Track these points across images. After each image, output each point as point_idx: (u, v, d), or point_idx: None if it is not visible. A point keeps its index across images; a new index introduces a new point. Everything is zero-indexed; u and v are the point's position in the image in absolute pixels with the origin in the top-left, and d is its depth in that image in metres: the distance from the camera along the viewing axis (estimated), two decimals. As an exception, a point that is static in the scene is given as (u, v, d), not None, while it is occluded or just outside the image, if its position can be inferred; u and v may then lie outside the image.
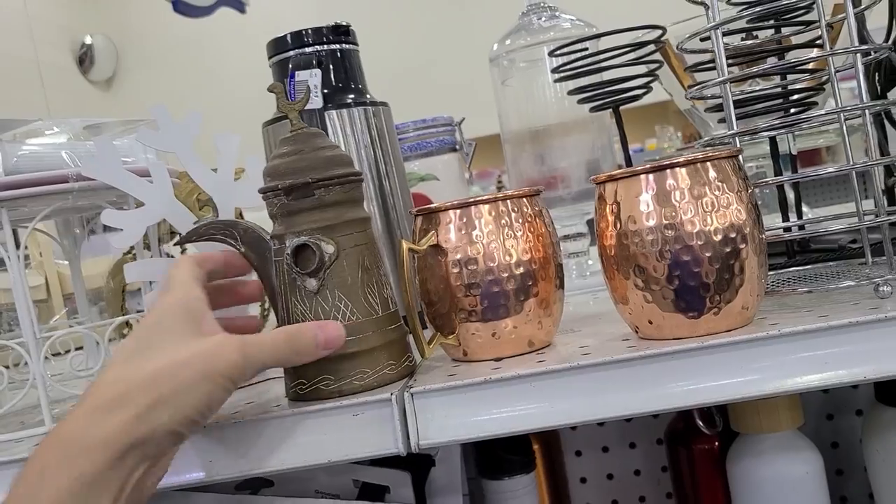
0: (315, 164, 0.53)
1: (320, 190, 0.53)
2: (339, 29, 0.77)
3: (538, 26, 0.95)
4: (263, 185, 0.55)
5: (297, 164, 0.53)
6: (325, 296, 0.53)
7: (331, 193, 0.53)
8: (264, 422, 0.52)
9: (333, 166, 0.54)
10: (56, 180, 0.56)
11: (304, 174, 0.53)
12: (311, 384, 0.52)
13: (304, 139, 0.55)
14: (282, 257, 0.53)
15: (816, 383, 0.48)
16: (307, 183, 0.53)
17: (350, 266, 0.53)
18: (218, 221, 0.54)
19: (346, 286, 0.53)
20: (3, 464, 0.53)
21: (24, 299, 0.58)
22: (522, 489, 0.75)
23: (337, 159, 0.55)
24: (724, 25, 0.58)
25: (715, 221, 0.49)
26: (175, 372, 0.44)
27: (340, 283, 0.53)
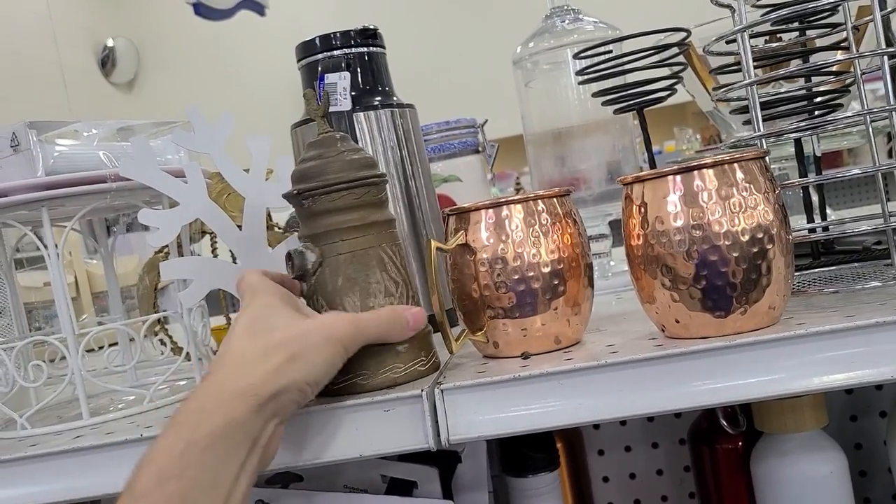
0: (308, 174, 0.55)
1: (307, 200, 0.55)
2: (366, 32, 0.78)
3: (561, 29, 0.95)
4: (290, 190, 0.57)
5: (306, 172, 0.55)
6: (314, 301, 0.55)
7: (317, 203, 0.55)
8: (296, 417, 0.53)
9: (327, 174, 0.55)
10: (95, 180, 0.58)
11: (299, 183, 0.55)
12: (346, 379, 0.54)
13: (321, 145, 0.56)
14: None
15: (843, 382, 0.49)
16: (294, 194, 0.55)
17: (332, 274, 0.55)
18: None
19: (326, 293, 0.55)
20: (43, 456, 0.55)
21: (63, 296, 0.59)
22: (546, 487, 0.76)
23: (339, 165, 0.55)
24: (750, 28, 0.58)
25: (742, 222, 0.50)
26: (303, 336, 0.49)
27: (322, 290, 0.55)
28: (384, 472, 0.66)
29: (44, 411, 0.67)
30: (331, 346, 0.50)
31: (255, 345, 0.49)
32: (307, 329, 0.50)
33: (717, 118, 0.92)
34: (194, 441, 0.44)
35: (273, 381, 0.47)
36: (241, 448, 0.45)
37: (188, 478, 0.43)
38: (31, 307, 1.06)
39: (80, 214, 0.60)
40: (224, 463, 0.44)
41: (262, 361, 0.47)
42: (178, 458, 0.43)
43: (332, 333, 0.50)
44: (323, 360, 0.49)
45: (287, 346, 0.48)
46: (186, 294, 0.59)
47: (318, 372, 0.49)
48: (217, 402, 0.46)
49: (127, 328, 0.63)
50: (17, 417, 0.60)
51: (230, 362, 0.48)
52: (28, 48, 4.51)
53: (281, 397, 0.47)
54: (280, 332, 0.50)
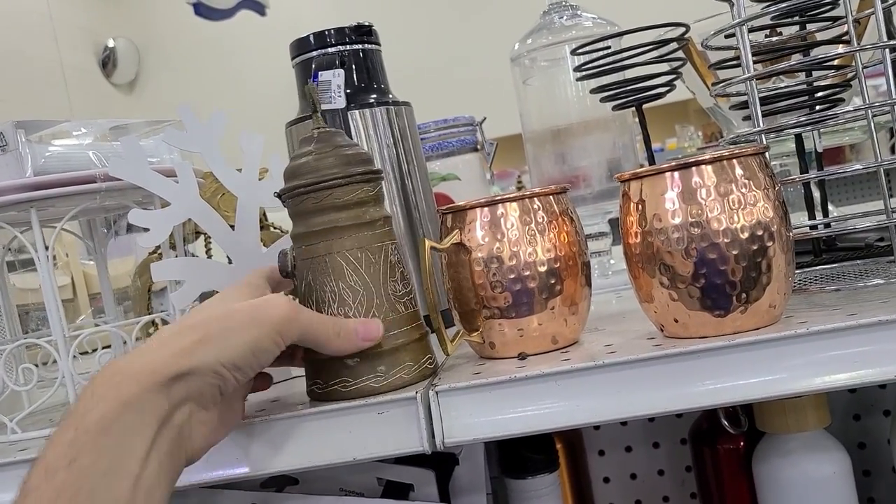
0: (296, 173, 0.54)
1: (289, 201, 0.54)
2: (361, 29, 0.77)
3: (560, 25, 0.95)
4: (285, 186, 0.56)
5: (291, 171, 0.55)
6: (302, 300, 0.54)
7: (300, 203, 0.54)
8: (290, 420, 0.52)
9: (304, 175, 0.53)
10: (84, 180, 0.57)
11: (341, 169, 0.54)
12: (328, 385, 0.53)
13: (312, 142, 0.55)
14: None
15: (845, 382, 0.48)
16: (279, 195, 0.55)
17: (299, 277, 0.54)
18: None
19: (301, 294, 0.54)
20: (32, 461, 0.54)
21: (53, 299, 0.58)
22: (546, 488, 0.75)
23: (320, 166, 0.53)
24: (749, 22, 0.57)
25: (741, 219, 0.49)
26: (226, 317, 0.47)
27: (297, 292, 0.55)
28: (380, 474, 0.65)
29: (36, 415, 0.66)
30: (256, 328, 0.47)
31: (172, 328, 0.47)
32: (234, 309, 0.48)
33: (717, 115, 0.91)
34: (85, 428, 0.41)
35: (177, 361, 0.44)
36: (142, 430, 0.42)
37: (79, 465, 0.40)
38: (27, 309, 1.05)
39: (70, 215, 0.59)
40: (123, 447, 0.41)
41: (170, 343, 0.45)
42: (66, 447, 0.40)
43: (262, 313, 0.47)
44: (243, 341, 0.46)
45: (202, 327, 0.46)
46: (178, 295, 0.59)
47: (235, 354, 0.46)
48: (109, 385, 0.43)
49: (119, 330, 0.63)
50: (7, 421, 0.60)
51: (138, 347, 0.46)
52: (29, 49, 4.51)
53: (189, 379, 0.44)
54: (205, 313, 0.48)
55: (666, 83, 0.76)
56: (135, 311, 0.78)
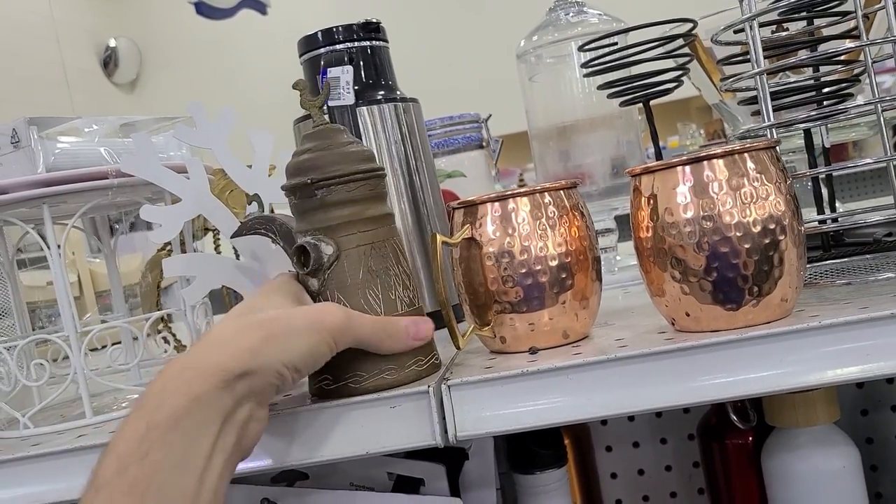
0: (318, 164, 0.53)
1: (321, 190, 0.52)
2: (369, 26, 0.77)
3: (565, 22, 0.95)
4: (287, 183, 0.55)
5: (304, 164, 0.53)
6: (326, 296, 0.53)
7: (332, 193, 0.52)
8: (302, 414, 0.52)
9: (338, 164, 0.53)
10: (96, 176, 0.57)
11: (308, 174, 0.53)
12: (338, 381, 0.52)
13: (320, 136, 0.54)
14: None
15: (857, 375, 0.48)
16: (306, 184, 0.53)
17: (351, 267, 0.53)
18: (260, 216, 0.55)
19: (345, 288, 0.52)
20: (46, 455, 0.54)
21: (65, 295, 0.58)
22: (554, 483, 0.75)
23: (349, 156, 0.53)
24: (759, 17, 0.57)
25: (753, 213, 0.49)
26: (286, 319, 0.48)
27: (340, 285, 0.53)
28: (391, 469, 0.65)
29: (47, 410, 0.66)
30: (315, 333, 0.48)
31: (234, 325, 0.47)
32: (293, 313, 0.49)
33: (723, 111, 0.91)
34: (156, 423, 0.42)
35: (243, 359, 0.45)
36: (210, 426, 0.43)
37: (151, 460, 0.41)
38: (35, 306, 1.06)
39: (82, 211, 0.59)
40: (192, 442, 0.42)
41: (236, 340, 0.46)
42: (138, 443, 0.41)
43: (319, 320, 0.48)
44: (304, 344, 0.47)
45: (266, 326, 0.47)
46: (189, 291, 0.59)
47: (297, 356, 0.47)
48: (179, 381, 0.44)
49: (130, 326, 0.63)
50: (19, 417, 0.60)
51: (203, 343, 0.47)
52: (30, 49, 4.51)
53: (253, 377, 0.45)
54: (264, 314, 0.48)
55: (674, 79, 0.76)
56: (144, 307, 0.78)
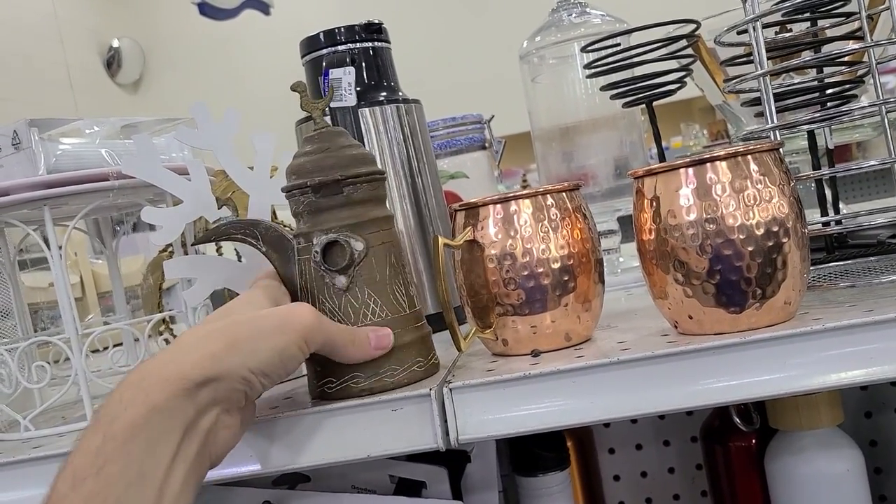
0: (341, 163, 0.53)
1: (349, 187, 0.53)
2: (371, 27, 0.77)
3: (568, 22, 0.94)
4: (288, 184, 0.54)
5: (323, 162, 0.53)
6: (355, 293, 0.52)
7: (359, 191, 0.53)
8: (303, 417, 0.52)
9: (359, 164, 0.54)
10: (97, 178, 0.57)
11: (331, 172, 0.53)
12: (340, 382, 0.52)
13: (328, 137, 0.54)
14: (307, 255, 0.53)
15: (861, 379, 0.47)
16: (337, 180, 0.53)
17: (378, 263, 0.53)
18: (239, 221, 0.54)
19: (374, 283, 0.53)
20: (47, 458, 0.54)
21: (66, 296, 0.58)
22: (556, 486, 0.75)
23: (361, 158, 0.54)
24: (763, 18, 0.57)
25: (757, 215, 0.48)
26: (253, 322, 0.47)
27: (369, 281, 0.53)
28: (392, 472, 0.65)
29: (48, 412, 0.66)
30: (283, 335, 0.47)
31: (198, 332, 0.46)
32: (261, 315, 0.48)
33: (726, 112, 0.91)
34: (112, 434, 0.41)
35: (205, 366, 0.44)
36: (170, 436, 0.42)
37: (107, 473, 0.40)
38: (37, 307, 1.06)
39: (83, 213, 0.59)
40: (149, 453, 0.41)
41: (198, 347, 0.45)
42: (94, 455, 0.40)
43: (287, 321, 0.47)
44: (270, 347, 0.46)
45: (231, 331, 0.46)
46: (190, 293, 0.59)
47: (264, 360, 0.46)
48: (137, 390, 0.42)
49: (131, 328, 0.63)
50: (20, 419, 0.60)
51: (166, 350, 0.46)
52: (34, 49, 4.52)
53: (217, 384, 0.44)
54: (231, 318, 0.47)
55: (677, 80, 0.76)
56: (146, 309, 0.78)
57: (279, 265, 0.54)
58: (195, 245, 0.57)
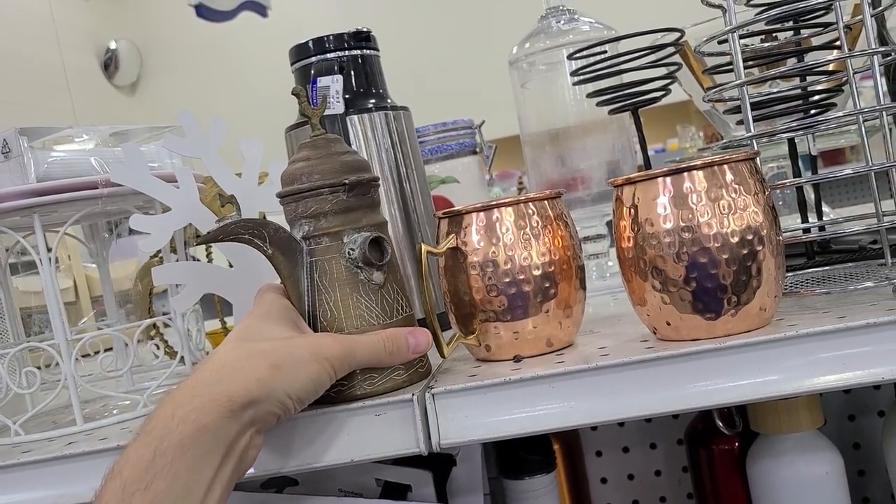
0: (352, 166, 0.55)
1: (374, 190, 0.56)
2: (360, 35, 0.78)
3: (557, 29, 0.95)
4: (310, 183, 0.54)
5: (354, 164, 0.55)
6: (388, 290, 0.54)
7: (378, 194, 0.56)
8: (289, 422, 0.53)
9: (366, 170, 0.56)
10: (86, 186, 0.58)
11: (357, 173, 0.54)
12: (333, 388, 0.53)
13: (325, 144, 0.56)
14: (331, 255, 0.53)
15: (834, 384, 0.48)
16: (370, 180, 0.55)
17: (398, 262, 0.56)
18: (248, 220, 0.54)
19: (398, 281, 0.56)
20: (37, 462, 0.55)
21: (55, 303, 0.59)
22: (543, 489, 0.76)
23: (365, 164, 0.56)
24: (741, 28, 0.58)
25: (732, 223, 0.49)
26: (291, 348, 0.49)
27: (396, 278, 0.55)
28: (378, 475, 0.66)
29: (39, 417, 0.67)
30: (318, 364, 0.49)
31: (239, 352, 0.48)
32: (297, 343, 0.49)
33: (714, 117, 0.92)
34: (162, 451, 0.42)
35: (251, 389, 0.46)
36: (213, 456, 0.44)
37: (155, 490, 0.41)
38: (30, 311, 1.06)
39: (73, 220, 0.60)
40: (195, 472, 0.43)
41: (243, 368, 0.46)
42: (144, 470, 0.42)
43: (321, 351, 0.49)
44: (307, 375, 0.48)
45: (271, 355, 0.47)
46: (178, 299, 0.60)
47: (300, 387, 0.48)
48: (188, 408, 0.44)
49: (121, 333, 0.63)
50: (10, 424, 0.60)
51: (209, 368, 0.47)
52: (31, 51, 4.53)
53: (259, 407, 0.46)
54: (269, 342, 0.49)
55: (662, 87, 0.77)
56: (136, 314, 0.79)
57: (285, 268, 0.54)
58: (201, 243, 0.58)
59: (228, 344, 0.49)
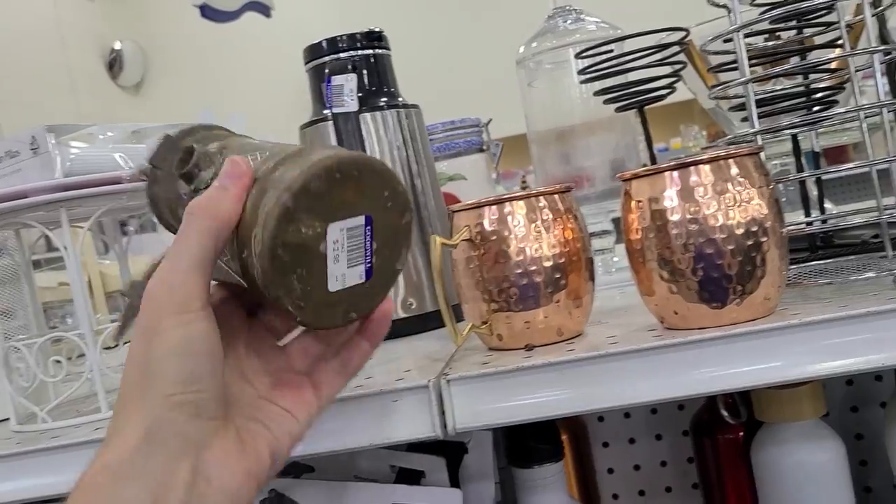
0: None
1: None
2: (372, 35, 0.80)
3: (564, 29, 0.97)
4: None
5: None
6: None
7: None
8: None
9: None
10: (111, 181, 0.60)
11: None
12: None
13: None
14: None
15: (836, 370, 0.50)
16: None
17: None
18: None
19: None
20: (66, 447, 0.57)
21: (81, 294, 0.61)
22: (551, 477, 0.77)
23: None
24: (745, 28, 0.60)
25: (737, 216, 0.51)
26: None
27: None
28: (393, 462, 0.67)
29: (62, 406, 0.69)
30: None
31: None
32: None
33: (718, 115, 0.94)
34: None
35: None
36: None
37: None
38: (46, 307, 1.08)
39: (98, 215, 0.62)
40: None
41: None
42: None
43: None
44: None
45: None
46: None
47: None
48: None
49: (142, 324, 0.65)
50: (37, 411, 0.62)
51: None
52: (36, 52, 4.55)
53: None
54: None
55: (667, 85, 0.79)
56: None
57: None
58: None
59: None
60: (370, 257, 0.45)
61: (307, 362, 0.48)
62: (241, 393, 0.45)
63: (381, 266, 0.46)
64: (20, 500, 0.57)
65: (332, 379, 0.48)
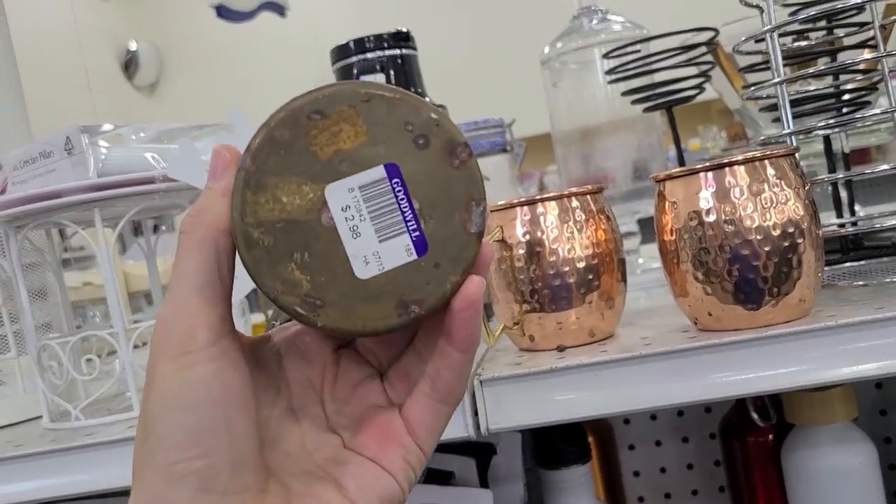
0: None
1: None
2: (399, 35, 0.80)
3: (589, 29, 0.97)
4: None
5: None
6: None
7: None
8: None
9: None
10: (144, 181, 0.60)
11: None
12: None
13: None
14: None
15: (872, 372, 0.50)
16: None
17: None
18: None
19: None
20: (100, 445, 0.57)
21: (114, 293, 0.61)
22: (578, 479, 0.77)
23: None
24: (779, 28, 0.59)
25: (773, 217, 0.51)
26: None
27: None
28: (422, 463, 0.67)
29: (93, 404, 0.69)
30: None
31: None
32: None
33: (744, 116, 0.93)
34: None
35: None
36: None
37: None
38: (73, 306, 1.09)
39: (130, 214, 0.62)
40: None
41: None
42: None
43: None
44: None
45: None
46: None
47: None
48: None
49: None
50: (70, 409, 0.63)
51: None
52: (54, 52, 4.58)
53: None
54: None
55: (696, 85, 0.78)
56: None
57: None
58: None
59: None
60: (415, 222, 0.32)
61: (401, 387, 0.36)
62: (322, 444, 0.35)
63: (439, 232, 0.32)
64: (56, 496, 0.57)
65: (423, 407, 0.35)
